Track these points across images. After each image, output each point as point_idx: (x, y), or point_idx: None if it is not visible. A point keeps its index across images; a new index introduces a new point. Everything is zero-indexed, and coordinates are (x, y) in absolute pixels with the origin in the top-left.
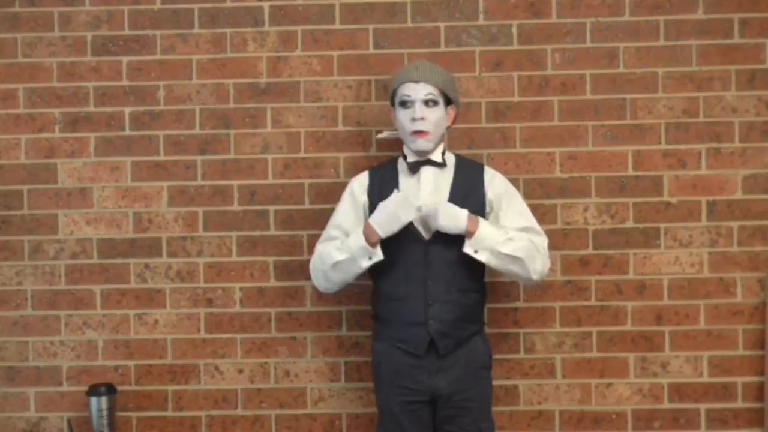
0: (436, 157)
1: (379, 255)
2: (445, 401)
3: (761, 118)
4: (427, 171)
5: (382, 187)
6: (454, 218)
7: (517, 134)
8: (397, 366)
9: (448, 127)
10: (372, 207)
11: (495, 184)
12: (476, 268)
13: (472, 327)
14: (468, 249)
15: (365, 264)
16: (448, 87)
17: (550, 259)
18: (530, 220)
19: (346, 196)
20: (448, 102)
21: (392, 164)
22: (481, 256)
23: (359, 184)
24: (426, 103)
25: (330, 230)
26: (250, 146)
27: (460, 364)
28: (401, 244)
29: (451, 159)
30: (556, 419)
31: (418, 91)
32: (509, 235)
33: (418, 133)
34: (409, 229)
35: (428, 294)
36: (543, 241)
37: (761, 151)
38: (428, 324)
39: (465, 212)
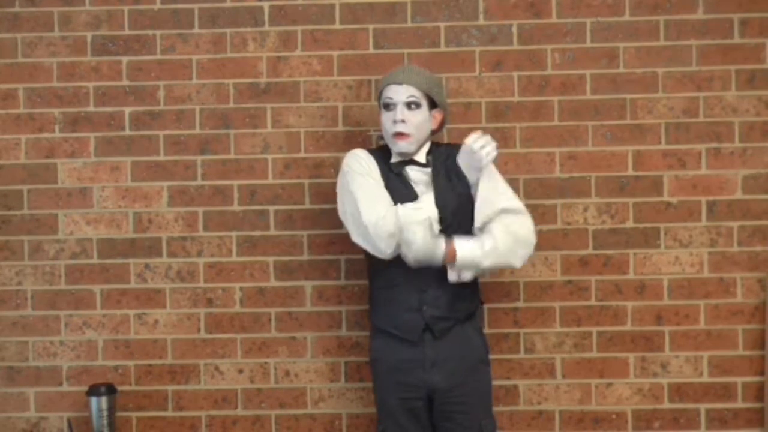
0: (420, 158)
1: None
2: (442, 397)
3: (761, 118)
4: (412, 172)
5: (385, 170)
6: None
7: (517, 134)
8: (393, 362)
9: (435, 131)
10: (386, 181)
11: None
12: None
13: (468, 306)
14: (452, 277)
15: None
16: (432, 90)
17: (533, 235)
18: (508, 199)
19: (359, 175)
20: (434, 105)
21: (388, 152)
22: (467, 276)
23: (367, 157)
24: (408, 105)
25: (377, 203)
26: (250, 146)
27: (456, 359)
28: None
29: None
30: (556, 419)
31: (400, 93)
32: (486, 247)
33: (399, 135)
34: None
35: (423, 280)
36: (522, 221)
37: (761, 151)
38: (422, 310)
39: (441, 245)
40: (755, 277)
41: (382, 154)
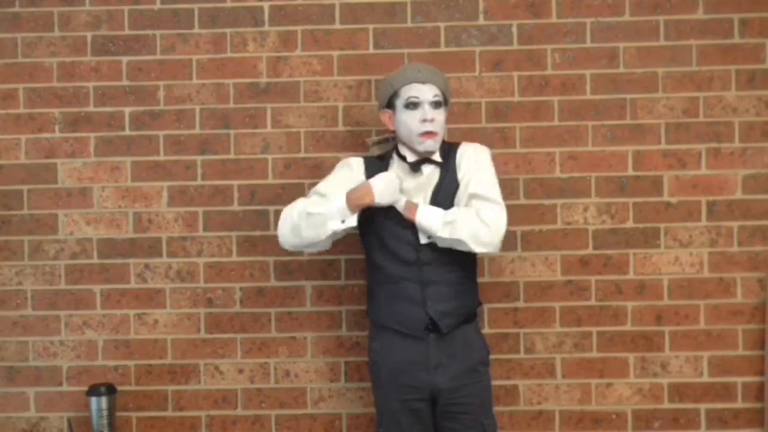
0: (437, 157)
1: (352, 221)
2: (444, 398)
3: (761, 118)
4: (428, 169)
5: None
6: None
7: (517, 134)
8: (396, 364)
9: None
10: None
11: (464, 160)
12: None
13: (471, 301)
14: (422, 239)
15: (334, 226)
16: (447, 89)
17: (504, 226)
18: (484, 188)
19: (341, 170)
20: (445, 103)
21: (386, 161)
22: (422, 239)
23: (357, 164)
24: (434, 104)
25: (312, 195)
26: (250, 146)
27: (459, 360)
28: (393, 227)
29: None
30: (556, 419)
31: (425, 92)
32: (447, 218)
33: (428, 134)
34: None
35: (422, 274)
36: (491, 210)
37: (761, 151)
38: (426, 304)
39: (402, 199)
40: (755, 277)
41: (380, 164)
